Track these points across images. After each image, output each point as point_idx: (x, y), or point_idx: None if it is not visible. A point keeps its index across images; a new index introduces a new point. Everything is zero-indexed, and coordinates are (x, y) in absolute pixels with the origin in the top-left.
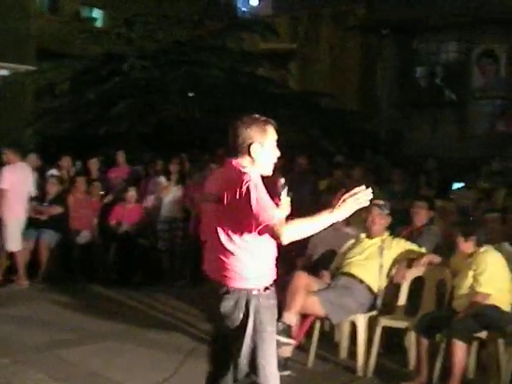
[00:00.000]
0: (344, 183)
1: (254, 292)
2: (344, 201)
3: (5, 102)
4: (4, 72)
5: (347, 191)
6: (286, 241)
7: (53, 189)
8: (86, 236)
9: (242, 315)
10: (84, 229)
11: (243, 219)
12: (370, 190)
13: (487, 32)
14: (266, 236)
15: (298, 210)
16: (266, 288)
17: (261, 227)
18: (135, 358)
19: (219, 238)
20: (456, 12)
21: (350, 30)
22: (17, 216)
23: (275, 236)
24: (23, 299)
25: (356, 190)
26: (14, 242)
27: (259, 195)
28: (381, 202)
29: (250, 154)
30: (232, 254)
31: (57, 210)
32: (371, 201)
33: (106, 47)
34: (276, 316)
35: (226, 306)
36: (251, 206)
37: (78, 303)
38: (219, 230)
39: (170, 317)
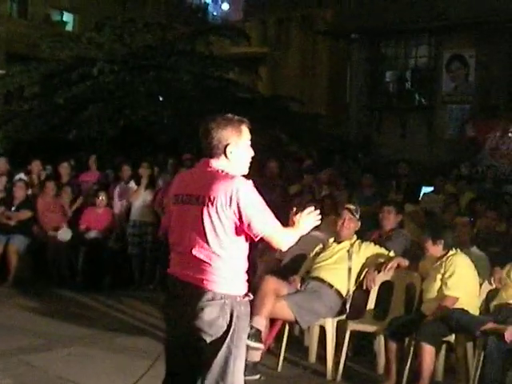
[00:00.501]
0: (313, 188)
1: (238, 299)
2: (297, 221)
3: None
4: None
5: (314, 198)
6: (285, 248)
7: (20, 193)
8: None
9: (225, 322)
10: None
11: (239, 223)
12: (316, 212)
13: (456, 37)
14: (244, 241)
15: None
16: (246, 295)
17: (261, 233)
18: (103, 363)
19: (201, 241)
20: (425, 17)
21: (319, 35)
22: None
23: (275, 242)
24: None
25: (307, 211)
26: None
27: (259, 200)
28: (352, 207)
29: (226, 155)
30: (218, 257)
31: (25, 214)
32: (343, 205)
33: (76, 51)
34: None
35: (211, 312)
36: (251, 211)
37: (46, 308)
38: (203, 232)
39: (139, 321)
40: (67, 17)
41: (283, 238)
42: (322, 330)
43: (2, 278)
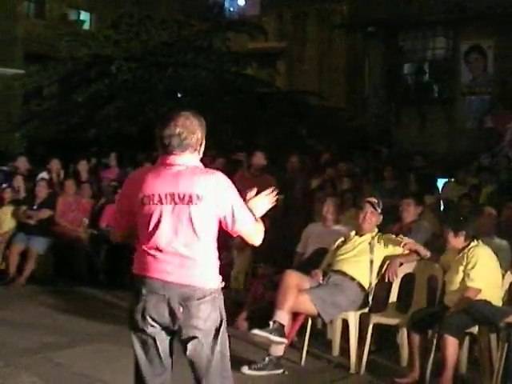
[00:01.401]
0: (335, 181)
1: (220, 290)
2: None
3: None
4: None
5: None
6: (259, 243)
7: (42, 192)
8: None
9: (217, 316)
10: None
11: (222, 219)
12: (273, 194)
13: (474, 28)
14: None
15: (292, 209)
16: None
17: (242, 230)
18: (127, 360)
19: (187, 238)
20: (442, 8)
21: (336, 28)
22: None
23: (251, 238)
24: (13, 302)
25: (264, 192)
26: None
27: (239, 196)
28: (374, 200)
29: (199, 151)
30: (203, 253)
31: (46, 213)
32: (364, 198)
33: (93, 49)
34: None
35: (206, 309)
36: (235, 207)
37: (69, 306)
38: (190, 229)
39: None
40: (84, 16)
41: (258, 235)
42: (345, 323)
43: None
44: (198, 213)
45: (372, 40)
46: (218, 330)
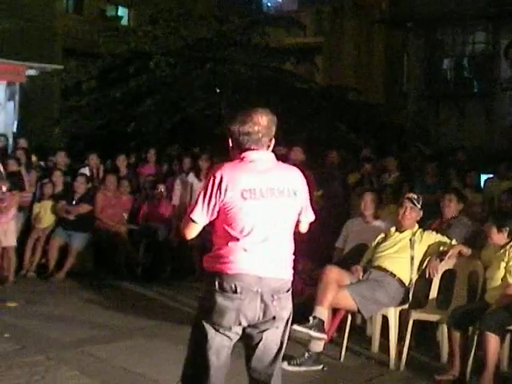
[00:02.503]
0: (372, 177)
1: None
2: None
3: (33, 101)
4: (32, 72)
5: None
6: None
7: (81, 187)
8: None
9: (291, 306)
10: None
11: (300, 211)
12: None
13: None
14: None
15: (330, 205)
16: None
17: (305, 219)
18: (166, 354)
19: (285, 232)
20: (482, 3)
21: (375, 23)
22: None
23: (306, 227)
24: (53, 297)
25: None
26: None
27: None
28: (414, 196)
29: (268, 147)
30: (291, 246)
31: (85, 208)
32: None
33: (132, 45)
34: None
35: (289, 300)
36: (307, 200)
37: (108, 300)
38: (287, 223)
39: None
40: (122, 11)
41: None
42: (385, 319)
43: (60, 270)
44: (292, 206)
45: (411, 35)
46: (288, 320)
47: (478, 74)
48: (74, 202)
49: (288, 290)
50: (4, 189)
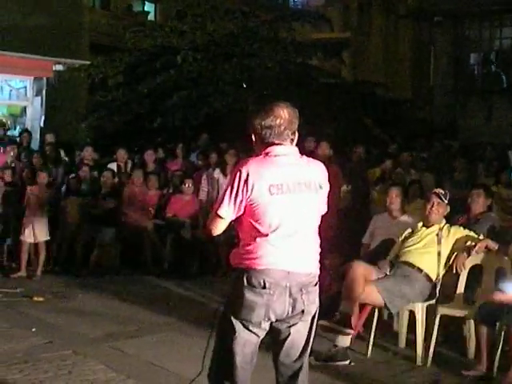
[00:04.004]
0: (391, 173)
1: None
2: None
3: (60, 96)
4: (59, 67)
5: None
6: None
7: (107, 182)
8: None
9: (318, 300)
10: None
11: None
12: None
13: None
14: None
15: (358, 200)
16: None
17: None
18: (192, 350)
19: (312, 227)
20: None
21: (402, 18)
22: None
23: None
24: (80, 291)
25: None
26: None
27: None
28: (441, 191)
29: (292, 141)
30: (317, 240)
31: (111, 203)
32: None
33: (158, 40)
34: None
35: (316, 294)
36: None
37: (134, 295)
38: (313, 217)
39: None
40: (148, 6)
41: None
42: (412, 314)
43: (86, 265)
44: (318, 200)
45: (438, 30)
46: (315, 315)
47: (506, 68)
48: (100, 197)
49: (316, 284)
50: (45, 181)
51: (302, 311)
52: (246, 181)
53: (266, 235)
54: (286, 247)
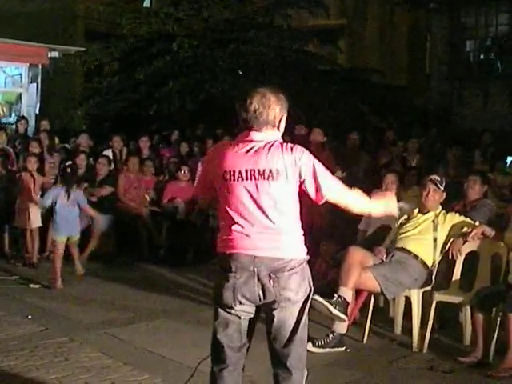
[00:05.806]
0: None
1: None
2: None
3: (55, 83)
4: (54, 54)
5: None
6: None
7: (102, 169)
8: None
9: (307, 286)
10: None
11: (306, 189)
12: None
13: None
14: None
15: (354, 187)
16: None
17: (326, 197)
18: (189, 336)
19: (271, 213)
20: None
21: (398, 5)
22: None
23: (349, 206)
24: (76, 278)
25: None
26: None
27: (321, 167)
28: (437, 178)
29: (278, 127)
30: (289, 226)
31: (107, 190)
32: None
33: (154, 27)
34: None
35: (296, 280)
36: (317, 176)
37: (130, 282)
38: (281, 204)
39: None
40: None
41: (358, 202)
42: (408, 301)
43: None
44: (278, 187)
45: (434, 16)
46: (305, 301)
47: (502, 55)
48: (96, 184)
49: (292, 269)
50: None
51: (276, 297)
52: (206, 166)
53: (233, 220)
54: (247, 233)
